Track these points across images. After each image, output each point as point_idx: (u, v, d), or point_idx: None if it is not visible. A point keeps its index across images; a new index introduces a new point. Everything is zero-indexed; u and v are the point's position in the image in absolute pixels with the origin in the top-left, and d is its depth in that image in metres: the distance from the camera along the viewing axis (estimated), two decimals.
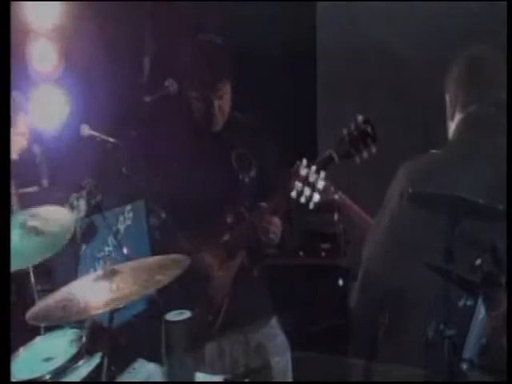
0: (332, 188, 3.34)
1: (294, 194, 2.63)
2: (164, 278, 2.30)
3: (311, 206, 2.66)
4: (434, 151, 3.22)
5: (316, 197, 2.65)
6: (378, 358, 3.73)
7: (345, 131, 2.66)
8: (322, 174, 2.64)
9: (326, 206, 4.40)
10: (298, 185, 2.63)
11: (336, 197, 4.03)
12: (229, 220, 2.85)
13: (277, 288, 2.99)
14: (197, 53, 2.90)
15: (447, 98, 3.20)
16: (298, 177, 2.64)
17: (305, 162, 2.65)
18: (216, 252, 2.83)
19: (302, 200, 2.64)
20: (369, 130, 2.66)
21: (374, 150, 2.68)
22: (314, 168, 2.65)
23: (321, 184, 2.66)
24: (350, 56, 4.65)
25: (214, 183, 2.88)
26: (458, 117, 3.15)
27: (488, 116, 3.07)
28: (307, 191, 2.64)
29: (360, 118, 2.65)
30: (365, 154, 2.67)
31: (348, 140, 2.66)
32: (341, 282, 4.23)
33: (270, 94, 4.58)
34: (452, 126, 3.21)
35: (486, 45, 3.14)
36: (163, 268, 2.40)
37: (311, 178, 2.64)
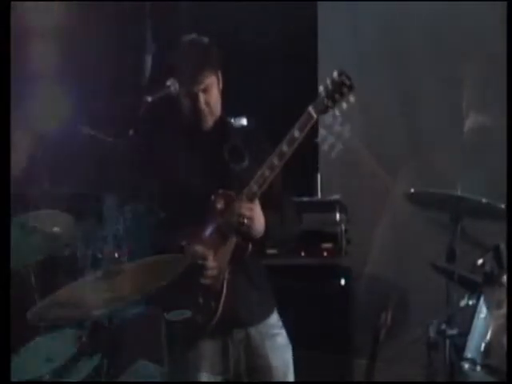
0: (357, 141, 3.29)
1: (318, 139, 2.60)
2: (164, 278, 2.29)
3: (333, 154, 2.62)
4: (437, 154, 3.24)
5: (339, 146, 2.62)
6: (380, 358, 3.73)
7: (321, 87, 2.62)
8: (348, 125, 2.60)
9: (327, 206, 4.43)
10: (323, 131, 2.60)
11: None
12: (219, 206, 2.83)
13: (277, 288, 2.98)
14: (181, 52, 2.90)
15: (464, 92, 3.19)
16: (322, 124, 2.61)
17: (333, 111, 2.61)
18: (209, 239, 2.81)
19: (325, 147, 2.61)
20: (344, 80, 2.58)
21: (351, 99, 2.62)
22: (340, 118, 2.61)
23: (346, 134, 2.62)
24: (350, 56, 4.64)
25: (204, 175, 2.87)
26: (471, 119, 3.15)
27: (500, 126, 3.09)
28: (331, 139, 2.60)
29: (335, 72, 2.61)
30: (343, 105, 2.62)
31: (325, 95, 2.60)
32: (342, 282, 4.22)
33: (270, 94, 4.57)
34: (466, 126, 3.21)
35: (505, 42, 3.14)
36: (163, 267, 2.40)
37: (336, 128, 2.60)
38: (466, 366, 2.83)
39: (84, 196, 3.24)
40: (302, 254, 4.30)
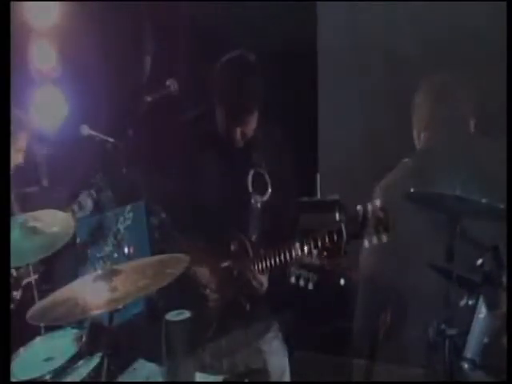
0: (326, 263, 3.41)
1: (292, 279, 2.64)
2: (164, 278, 2.29)
3: (310, 286, 2.67)
4: (404, 160, 3.29)
5: (314, 277, 2.66)
6: (379, 358, 3.73)
7: (360, 210, 2.60)
8: (315, 251, 2.62)
9: (326, 206, 4.43)
10: (295, 270, 2.64)
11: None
12: (232, 248, 2.85)
13: (276, 288, 2.98)
14: (229, 72, 2.79)
15: (413, 126, 3.31)
16: (292, 262, 2.65)
17: (297, 244, 2.65)
18: (214, 273, 2.83)
19: (301, 283, 2.66)
20: (382, 216, 2.58)
21: (384, 238, 2.63)
22: (306, 249, 2.63)
23: (317, 263, 2.65)
24: (350, 56, 4.64)
25: (225, 201, 2.86)
26: (423, 134, 3.25)
27: (449, 124, 3.17)
28: (305, 273, 2.65)
29: (377, 202, 2.60)
30: (374, 240, 2.62)
31: (360, 222, 2.58)
32: (342, 282, 4.22)
33: (269, 94, 4.57)
34: (419, 140, 3.31)
35: (441, 75, 3.36)
36: (163, 267, 2.40)
37: (306, 260, 2.64)
38: (466, 365, 2.83)
39: (93, 193, 3.23)
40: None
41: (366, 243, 2.60)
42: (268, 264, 2.76)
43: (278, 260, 2.74)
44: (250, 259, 2.77)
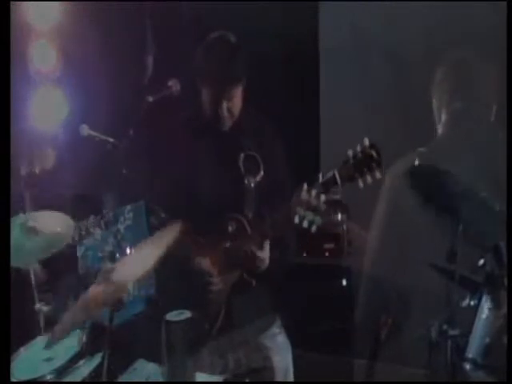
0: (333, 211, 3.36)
1: (296, 219, 2.62)
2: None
3: (313, 229, 2.65)
4: (420, 149, 3.26)
5: (318, 221, 2.64)
6: (381, 359, 3.73)
7: (350, 153, 2.61)
8: (323, 197, 2.62)
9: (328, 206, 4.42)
10: (300, 210, 2.62)
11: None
12: (230, 228, 2.85)
13: (278, 287, 2.98)
14: (210, 50, 2.88)
15: (434, 103, 3.26)
16: (299, 202, 2.63)
17: (305, 186, 2.64)
18: (215, 258, 2.83)
19: (305, 225, 2.63)
20: (374, 154, 2.59)
21: (378, 175, 2.63)
22: (314, 192, 2.63)
23: (322, 207, 2.64)
24: (351, 56, 4.64)
25: (219, 186, 2.88)
26: (444, 116, 3.22)
27: (471, 110, 3.14)
28: (309, 215, 2.63)
29: (366, 141, 2.60)
30: (368, 179, 2.61)
31: (352, 163, 2.60)
32: (344, 282, 4.22)
33: (271, 94, 4.56)
34: (439, 127, 3.27)
35: (466, 51, 3.29)
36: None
37: (313, 202, 2.62)
38: (468, 366, 2.82)
39: (84, 196, 3.24)
40: (304, 254, 4.30)
41: (361, 184, 2.60)
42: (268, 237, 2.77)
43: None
44: (249, 236, 2.77)
